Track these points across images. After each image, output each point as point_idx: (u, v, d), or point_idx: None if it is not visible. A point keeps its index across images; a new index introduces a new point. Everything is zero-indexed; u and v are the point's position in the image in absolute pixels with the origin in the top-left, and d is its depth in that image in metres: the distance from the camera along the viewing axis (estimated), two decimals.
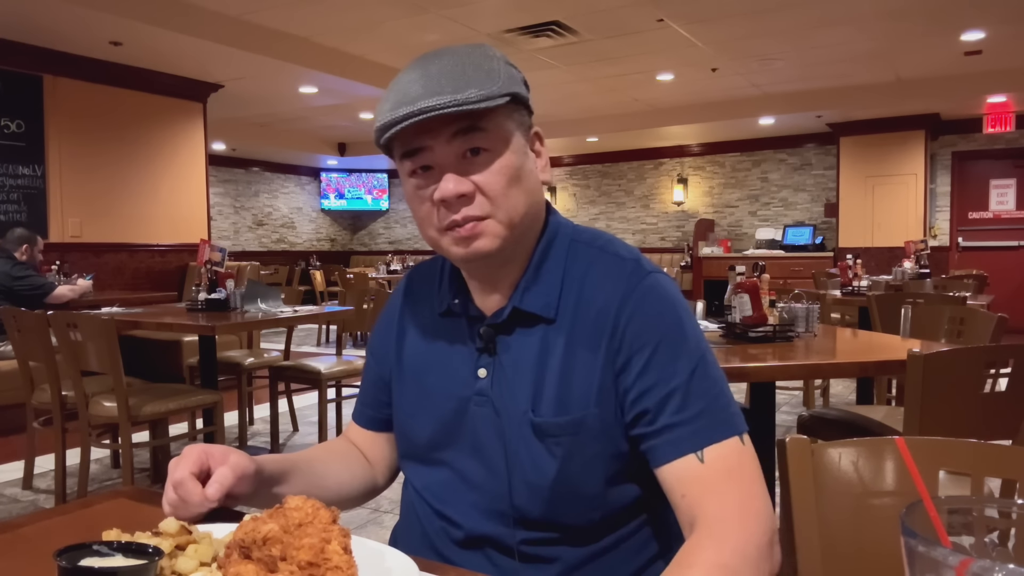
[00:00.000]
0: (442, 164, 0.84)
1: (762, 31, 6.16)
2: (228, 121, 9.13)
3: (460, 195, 0.83)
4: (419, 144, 0.84)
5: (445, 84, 0.80)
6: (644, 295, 0.87)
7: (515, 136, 0.87)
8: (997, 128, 8.77)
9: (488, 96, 0.80)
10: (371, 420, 1.06)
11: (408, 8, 5.56)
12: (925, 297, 3.61)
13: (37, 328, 3.15)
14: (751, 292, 2.25)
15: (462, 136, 0.83)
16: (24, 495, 3.37)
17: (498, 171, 0.84)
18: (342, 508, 1.01)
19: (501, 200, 0.85)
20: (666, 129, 9.78)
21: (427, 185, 0.86)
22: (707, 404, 0.83)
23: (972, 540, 0.48)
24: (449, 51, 0.85)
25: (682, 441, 0.82)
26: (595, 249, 0.92)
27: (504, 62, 0.86)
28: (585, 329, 0.88)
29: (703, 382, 0.85)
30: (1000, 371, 1.82)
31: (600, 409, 0.86)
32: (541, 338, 0.89)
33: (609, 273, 0.89)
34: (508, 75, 0.84)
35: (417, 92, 0.80)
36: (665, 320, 0.86)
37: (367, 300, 4.29)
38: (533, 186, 0.89)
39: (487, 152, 0.84)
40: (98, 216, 6.36)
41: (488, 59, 0.84)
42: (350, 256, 13.78)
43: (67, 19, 5.20)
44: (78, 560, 0.60)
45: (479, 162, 0.84)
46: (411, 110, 0.79)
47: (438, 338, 0.97)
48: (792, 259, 9.42)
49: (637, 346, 0.85)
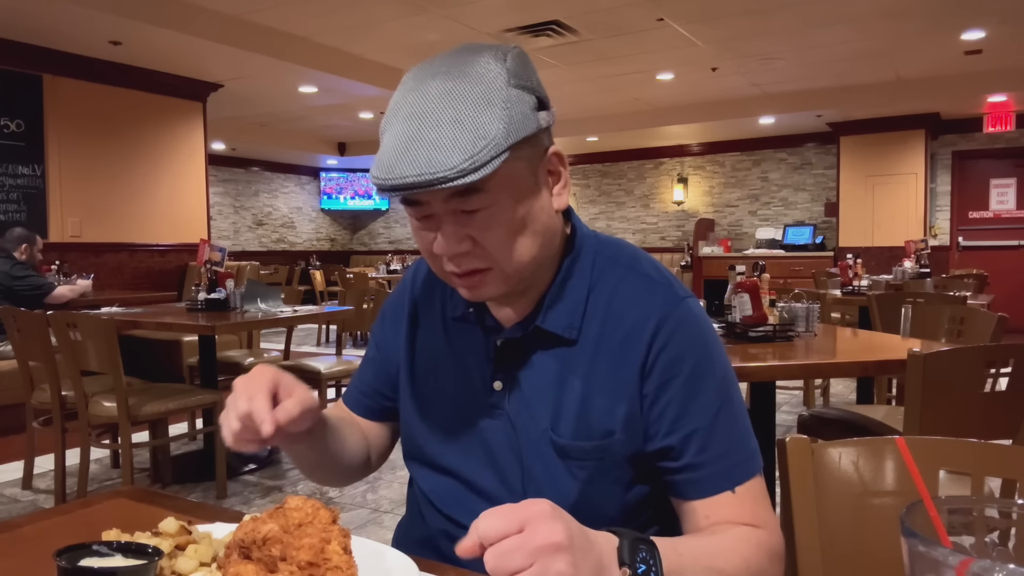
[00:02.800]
0: (440, 216, 0.79)
1: (762, 30, 6.16)
2: (228, 121, 9.13)
3: (458, 253, 0.79)
4: (414, 198, 0.79)
5: (434, 151, 0.72)
6: (679, 323, 0.85)
7: (521, 179, 0.79)
8: (997, 127, 8.77)
9: (480, 164, 0.72)
10: (368, 409, 1.04)
11: (408, 8, 5.55)
12: (925, 297, 3.61)
13: (37, 328, 3.15)
14: (751, 292, 2.25)
15: (459, 197, 0.77)
16: (24, 495, 3.37)
17: (500, 225, 0.79)
18: (344, 480, 1.01)
19: (503, 252, 0.80)
20: (666, 128, 9.77)
21: (427, 230, 0.81)
22: (731, 444, 0.84)
23: (972, 540, 0.48)
24: (444, 73, 0.77)
25: (706, 481, 0.83)
26: (622, 267, 0.89)
27: (511, 93, 0.76)
28: (612, 352, 0.85)
29: (728, 421, 0.84)
30: (1000, 371, 1.82)
31: (627, 436, 0.84)
32: (562, 357, 0.87)
33: (639, 295, 0.86)
34: (512, 118, 0.75)
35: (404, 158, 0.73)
36: (697, 351, 0.85)
37: (367, 300, 4.29)
38: (543, 225, 0.83)
39: (486, 209, 0.78)
40: (98, 216, 6.36)
41: (488, 102, 0.75)
42: (350, 256, 13.78)
43: (67, 19, 5.19)
44: (78, 560, 0.60)
45: (478, 217, 0.78)
46: (399, 182, 0.73)
47: (450, 341, 0.94)
48: (792, 259, 9.41)
49: (668, 375, 0.83)
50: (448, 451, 0.93)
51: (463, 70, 0.76)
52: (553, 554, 0.59)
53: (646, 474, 0.88)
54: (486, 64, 0.77)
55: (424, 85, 0.77)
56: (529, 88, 0.79)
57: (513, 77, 0.77)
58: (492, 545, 0.59)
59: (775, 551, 0.82)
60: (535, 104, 0.79)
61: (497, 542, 0.58)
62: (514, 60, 0.79)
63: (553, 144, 0.84)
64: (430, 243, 0.81)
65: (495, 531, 0.59)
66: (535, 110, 0.79)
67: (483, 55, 0.78)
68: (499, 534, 0.59)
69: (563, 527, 0.60)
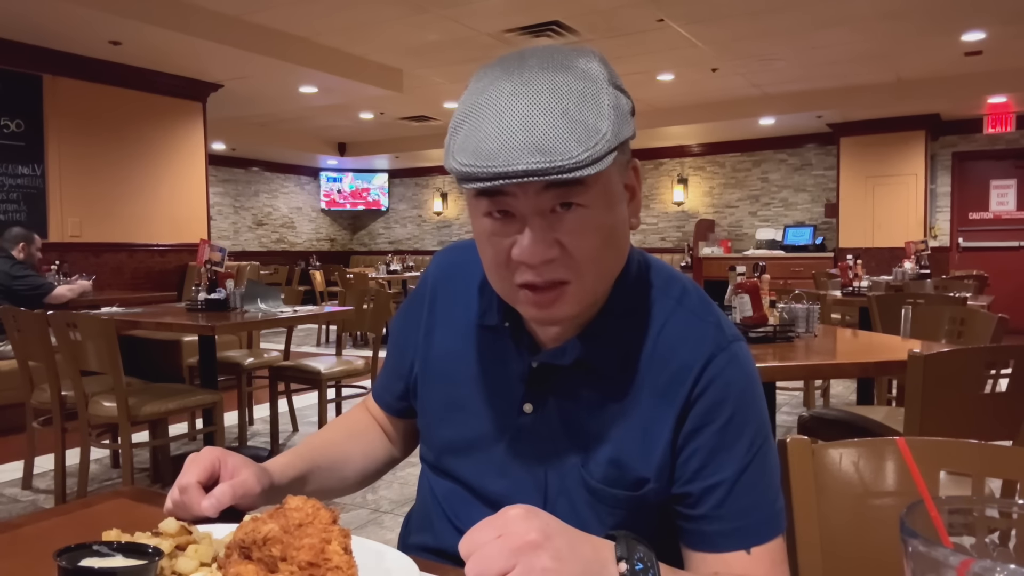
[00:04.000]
0: (526, 215, 0.71)
1: (762, 31, 6.16)
2: (228, 121, 9.13)
3: (544, 261, 0.72)
4: (505, 190, 0.71)
5: (545, 136, 0.66)
6: (724, 367, 0.80)
7: (614, 186, 0.74)
8: (997, 128, 8.77)
9: (595, 158, 0.66)
10: (388, 406, 1.03)
11: (408, 8, 5.56)
12: (925, 298, 3.61)
13: (37, 328, 3.15)
14: (751, 292, 2.25)
15: (555, 189, 0.70)
16: (24, 495, 3.37)
17: (593, 231, 0.73)
18: (363, 485, 1.01)
19: (590, 264, 0.74)
20: (666, 129, 9.77)
21: (503, 234, 0.73)
22: (754, 502, 0.78)
23: (973, 540, 0.48)
24: (545, 66, 0.71)
25: (721, 536, 0.78)
26: (672, 301, 0.84)
27: (610, 89, 0.71)
28: (653, 392, 0.80)
29: (756, 477, 0.79)
30: (1000, 372, 1.82)
31: (659, 484, 0.80)
32: (600, 390, 0.82)
33: (687, 336, 0.81)
34: (617, 117, 0.70)
35: (508, 143, 0.66)
36: (737, 400, 0.79)
37: (367, 300, 4.29)
38: (624, 241, 0.79)
39: (582, 208, 0.71)
40: (98, 216, 6.36)
41: (593, 92, 0.70)
42: (350, 256, 13.77)
43: (67, 19, 5.20)
44: (78, 560, 0.60)
45: (570, 219, 0.71)
46: (503, 170, 0.66)
47: (478, 349, 0.89)
48: (792, 259, 9.41)
49: (703, 421, 0.79)
50: (465, 465, 0.89)
51: (563, 63, 0.71)
52: (534, 551, 0.58)
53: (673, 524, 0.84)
54: (587, 61, 0.73)
55: (525, 76, 0.70)
56: (624, 91, 0.75)
57: (612, 77, 0.74)
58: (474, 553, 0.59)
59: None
60: (631, 108, 0.75)
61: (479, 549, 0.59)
62: (606, 61, 0.75)
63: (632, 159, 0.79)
64: (507, 248, 0.73)
65: (474, 543, 0.59)
66: (630, 114, 0.75)
67: (576, 52, 0.74)
68: (482, 542, 0.59)
69: (539, 525, 0.60)
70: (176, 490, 0.78)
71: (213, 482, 0.80)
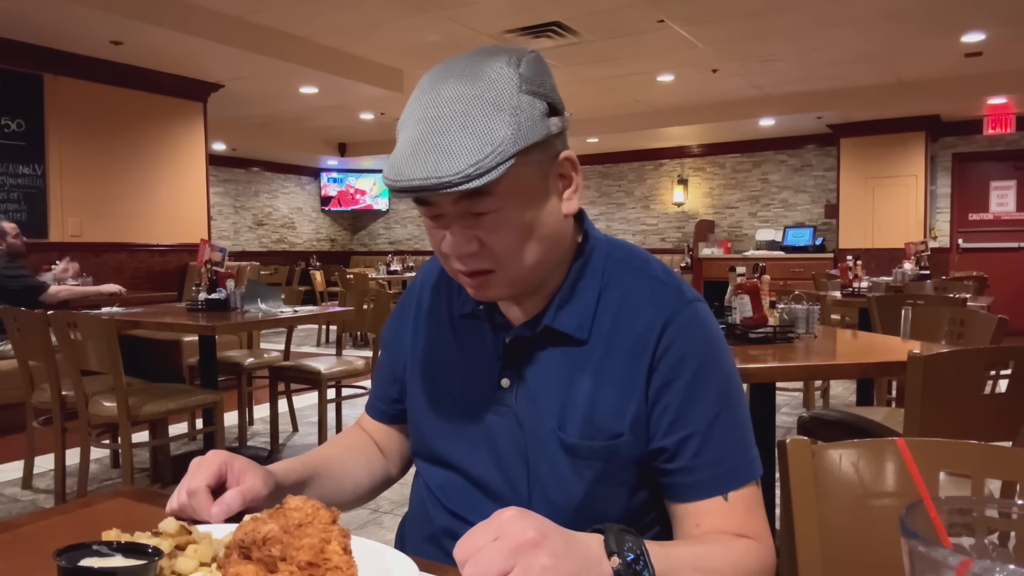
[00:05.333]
0: (449, 217, 0.81)
1: (763, 32, 6.16)
2: (228, 121, 9.13)
3: (465, 255, 0.81)
4: (425, 198, 0.80)
5: (441, 156, 0.74)
6: (685, 325, 0.86)
7: (530, 184, 0.81)
8: (997, 130, 8.77)
9: (486, 169, 0.73)
10: (382, 413, 1.06)
11: (408, 8, 5.56)
12: (925, 299, 3.61)
13: (37, 327, 3.15)
14: (751, 293, 2.25)
15: (467, 199, 0.78)
16: (24, 495, 3.37)
17: (508, 229, 0.80)
18: (356, 504, 1.02)
19: (509, 257, 0.82)
20: (666, 130, 9.78)
21: (438, 228, 0.83)
22: (727, 450, 0.84)
23: (972, 541, 0.48)
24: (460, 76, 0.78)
25: (699, 485, 0.83)
26: (633, 270, 0.90)
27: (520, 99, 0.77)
28: (621, 354, 0.86)
29: (727, 426, 0.85)
30: (1000, 373, 1.82)
31: (634, 437, 0.85)
32: (571, 356, 0.88)
33: (649, 299, 0.87)
34: (519, 123, 0.76)
35: (415, 162, 0.75)
36: (701, 354, 0.86)
37: (367, 300, 4.29)
38: (550, 230, 0.84)
39: (495, 212, 0.79)
40: (98, 216, 6.36)
41: (497, 107, 0.76)
42: (350, 256, 13.78)
43: (67, 18, 5.20)
44: (78, 560, 0.60)
45: (486, 219, 0.80)
46: (409, 184, 0.75)
47: (457, 339, 0.95)
48: (792, 260, 9.41)
49: (671, 377, 0.84)
50: (454, 448, 0.93)
51: (476, 73, 0.77)
52: (532, 550, 0.60)
53: (650, 478, 0.88)
54: (499, 69, 0.78)
55: (437, 88, 0.78)
56: (541, 94, 0.79)
57: (525, 83, 0.78)
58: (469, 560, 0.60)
59: (765, 563, 0.82)
60: (546, 110, 0.79)
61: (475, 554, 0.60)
62: (528, 65, 0.79)
63: (567, 149, 0.85)
64: (440, 241, 0.82)
65: (471, 547, 0.60)
66: (545, 116, 0.79)
67: (497, 58, 0.79)
68: (478, 546, 0.60)
69: (534, 524, 0.62)
70: (184, 493, 0.79)
71: (220, 486, 0.81)
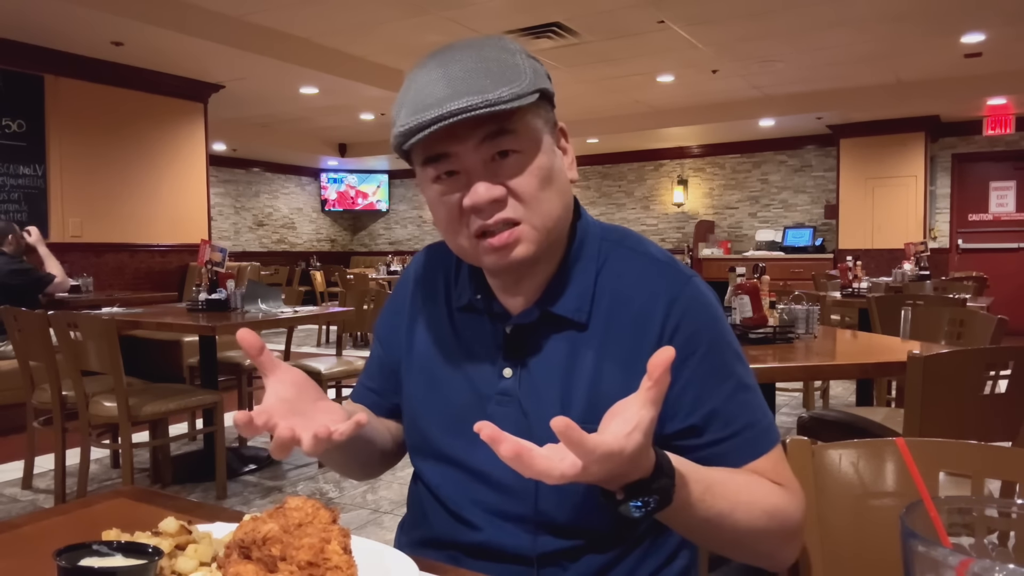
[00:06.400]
0: (469, 169, 0.80)
1: (762, 33, 6.16)
2: (229, 121, 9.13)
3: (493, 200, 0.79)
4: (443, 150, 0.79)
5: (472, 83, 0.75)
6: (691, 300, 0.86)
7: (544, 135, 0.83)
8: (997, 130, 8.77)
9: (519, 95, 0.76)
10: (375, 405, 1.03)
11: (409, 9, 5.56)
12: (925, 299, 3.61)
13: (38, 328, 3.15)
14: (751, 294, 2.25)
15: (491, 140, 0.78)
16: (24, 495, 3.37)
17: (531, 173, 0.80)
18: (378, 471, 1.02)
19: (535, 203, 0.81)
20: (666, 130, 9.78)
21: (452, 191, 0.81)
22: (752, 416, 0.85)
23: (972, 540, 0.48)
24: (466, 45, 0.81)
25: (732, 453, 0.84)
26: (626, 249, 0.90)
27: (525, 55, 0.82)
28: (622, 333, 0.85)
29: (746, 394, 0.86)
30: (1000, 373, 1.82)
31: None
32: (572, 340, 0.87)
33: (646, 276, 0.87)
34: (533, 69, 0.80)
35: (442, 93, 0.75)
36: (711, 327, 0.86)
37: (367, 301, 4.29)
38: (564, 186, 0.86)
39: (517, 154, 0.80)
40: (99, 216, 6.36)
41: (510, 53, 0.80)
42: (350, 257, 13.77)
43: (68, 19, 5.20)
44: (78, 560, 0.60)
45: (509, 164, 0.80)
46: (439, 113, 0.74)
47: (455, 332, 0.94)
48: (792, 261, 9.42)
49: (686, 352, 0.83)
50: (457, 442, 0.91)
51: (483, 42, 0.82)
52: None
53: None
54: (501, 42, 0.83)
55: (446, 52, 0.81)
56: (541, 67, 0.84)
57: (527, 54, 0.83)
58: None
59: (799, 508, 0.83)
60: (545, 73, 0.84)
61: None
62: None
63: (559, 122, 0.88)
64: (458, 203, 0.81)
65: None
66: (546, 78, 0.84)
67: (498, 38, 0.84)
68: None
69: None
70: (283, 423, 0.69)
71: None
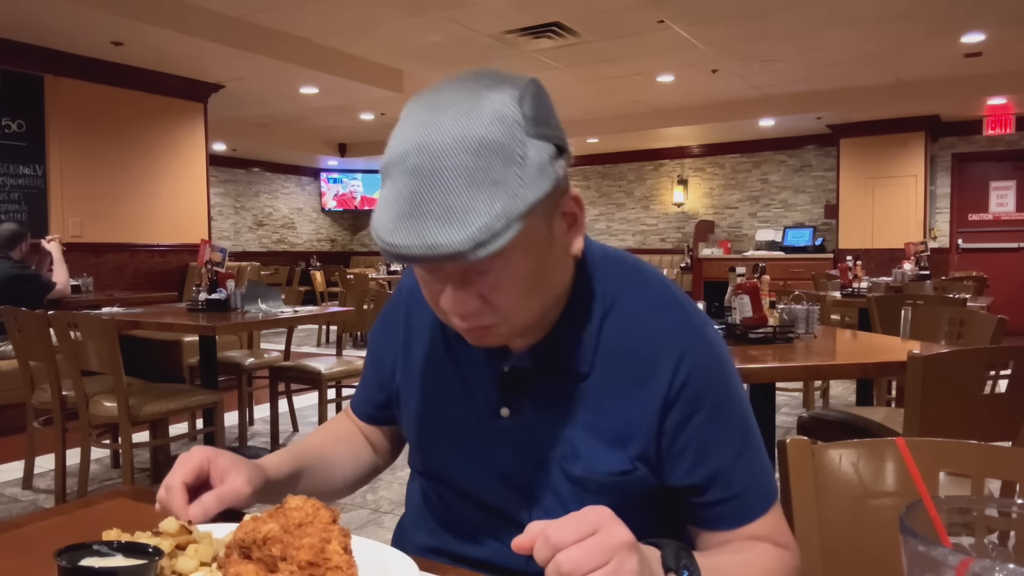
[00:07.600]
0: (447, 273, 0.74)
1: (762, 33, 6.16)
2: (229, 121, 9.13)
3: (465, 312, 0.75)
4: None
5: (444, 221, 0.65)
6: (700, 356, 0.82)
7: (534, 236, 0.72)
8: (997, 130, 8.77)
9: (496, 232, 0.66)
10: (370, 417, 1.04)
11: (409, 9, 5.56)
12: (925, 299, 3.61)
13: (38, 328, 3.15)
14: (751, 293, 2.25)
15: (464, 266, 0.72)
16: (24, 495, 3.37)
17: (509, 284, 0.73)
18: (345, 493, 1.01)
19: (511, 311, 0.75)
20: (666, 130, 9.78)
21: (433, 283, 0.76)
22: (753, 480, 0.83)
23: (972, 540, 0.48)
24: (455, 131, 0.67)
25: (729, 515, 0.82)
26: (635, 292, 0.85)
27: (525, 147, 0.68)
28: (627, 384, 0.82)
29: (750, 456, 0.84)
30: (1000, 373, 1.82)
31: (648, 467, 0.82)
32: (573, 389, 0.83)
33: (656, 324, 0.83)
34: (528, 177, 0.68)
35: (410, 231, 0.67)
36: (718, 386, 0.83)
37: (367, 301, 4.29)
38: (555, 277, 0.79)
39: (497, 270, 0.72)
40: (99, 216, 6.36)
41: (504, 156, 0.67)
42: (350, 257, 13.77)
43: (68, 19, 5.20)
44: (78, 560, 0.60)
45: (488, 278, 0.73)
46: (404, 254, 0.67)
47: (452, 356, 0.90)
48: (792, 260, 9.42)
49: (689, 411, 0.81)
50: (454, 469, 0.91)
51: (475, 112, 0.68)
52: (627, 552, 0.61)
53: (663, 506, 0.86)
54: (502, 109, 0.68)
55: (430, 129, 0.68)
56: (547, 135, 0.71)
57: (531, 124, 0.69)
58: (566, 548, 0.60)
59: (797, 569, 0.83)
60: (553, 153, 0.71)
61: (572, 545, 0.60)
62: (532, 103, 0.70)
63: (569, 188, 0.77)
64: (437, 295, 0.76)
65: (570, 536, 0.60)
66: (553, 159, 0.71)
67: (498, 92, 0.69)
68: (574, 538, 0.60)
69: (627, 529, 0.63)
70: (163, 488, 0.78)
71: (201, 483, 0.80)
